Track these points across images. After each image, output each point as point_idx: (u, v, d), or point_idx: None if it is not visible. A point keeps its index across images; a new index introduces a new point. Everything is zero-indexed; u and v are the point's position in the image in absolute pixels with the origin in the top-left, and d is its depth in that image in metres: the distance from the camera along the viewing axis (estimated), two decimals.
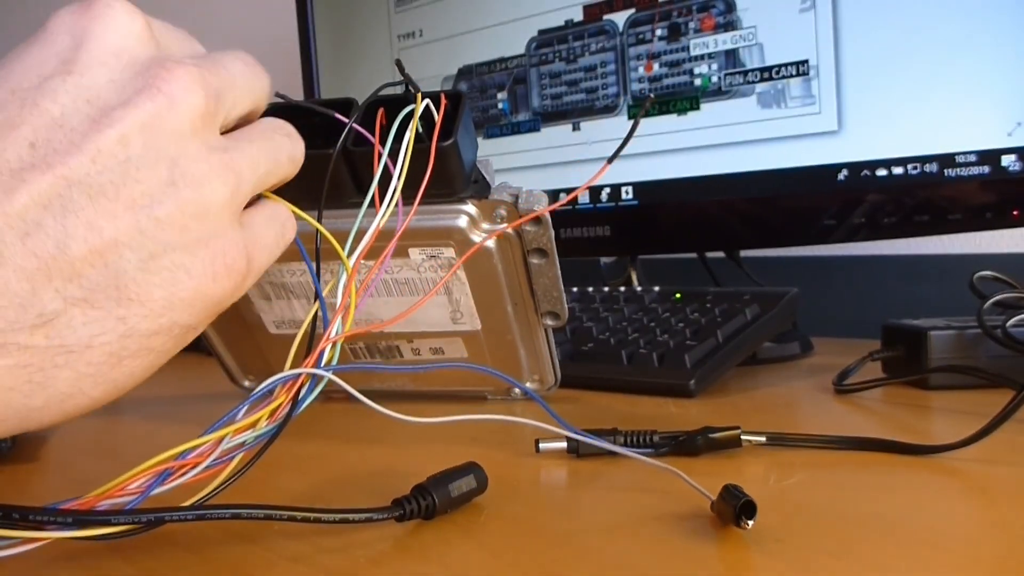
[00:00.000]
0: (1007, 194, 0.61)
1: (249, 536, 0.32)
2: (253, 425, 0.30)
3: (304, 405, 0.31)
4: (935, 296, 0.79)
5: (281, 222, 0.31)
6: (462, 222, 0.46)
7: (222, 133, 0.29)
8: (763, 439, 0.40)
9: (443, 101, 0.42)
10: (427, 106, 0.41)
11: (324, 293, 0.34)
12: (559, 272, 0.48)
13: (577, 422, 0.42)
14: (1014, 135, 0.61)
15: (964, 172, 0.62)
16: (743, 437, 0.40)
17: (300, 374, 0.31)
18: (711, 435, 0.40)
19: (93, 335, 0.25)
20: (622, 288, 0.74)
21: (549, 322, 0.51)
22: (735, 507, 0.29)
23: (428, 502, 0.32)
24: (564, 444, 0.41)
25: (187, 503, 0.29)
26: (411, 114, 0.40)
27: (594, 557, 0.29)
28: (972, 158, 0.62)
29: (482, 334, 0.51)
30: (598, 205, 0.78)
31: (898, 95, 0.64)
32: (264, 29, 1.32)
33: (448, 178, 0.44)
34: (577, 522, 0.33)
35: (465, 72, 0.85)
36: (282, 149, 0.31)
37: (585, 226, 0.78)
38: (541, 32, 0.80)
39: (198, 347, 0.54)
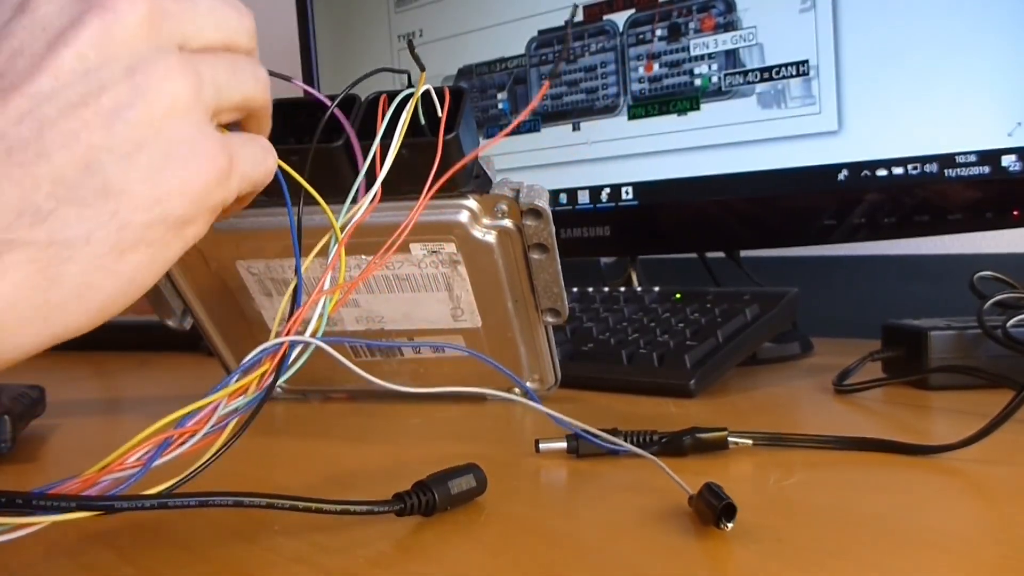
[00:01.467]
0: (1007, 194, 0.61)
1: (249, 535, 0.32)
2: (245, 390, 0.31)
3: (290, 372, 0.32)
4: (935, 296, 0.79)
5: (262, 146, 0.33)
6: (463, 217, 0.46)
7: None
8: (750, 442, 0.40)
9: (447, 96, 0.42)
10: (430, 102, 0.41)
11: (305, 269, 0.34)
12: (559, 268, 0.48)
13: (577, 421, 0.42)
14: (1014, 135, 0.61)
15: (964, 172, 0.62)
16: (730, 439, 0.40)
17: (283, 343, 0.32)
18: (699, 435, 0.40)
19: (90, 230, 0.26)
20: (622, 288, 0.74)
21: (550, 319, 0.51)
22: (716, 509, 0.29)
23: (428, 498, 0.32)
24: (564, 444, 0.40)
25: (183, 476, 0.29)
26: (409, 98, 0.40)
27: (593, 556, 0.29)
28: (972, 158, 0.62)
29: (483, 331, 0.51)
30: (598, 205, 0.78)
31: (898, 95, 0.64)
32: (264, 29, 1.32)
33: (448, 171, 0.43)
34: (577, 521, 0.33)
35: (465, 72, 0.85)
36: (241, 64, 0.32)
37: (585, 226, 0.78)
38: (541, 32, 0.80)
39: (198, 347, 0.54)
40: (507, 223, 0.47)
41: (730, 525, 0.29)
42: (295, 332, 0.32)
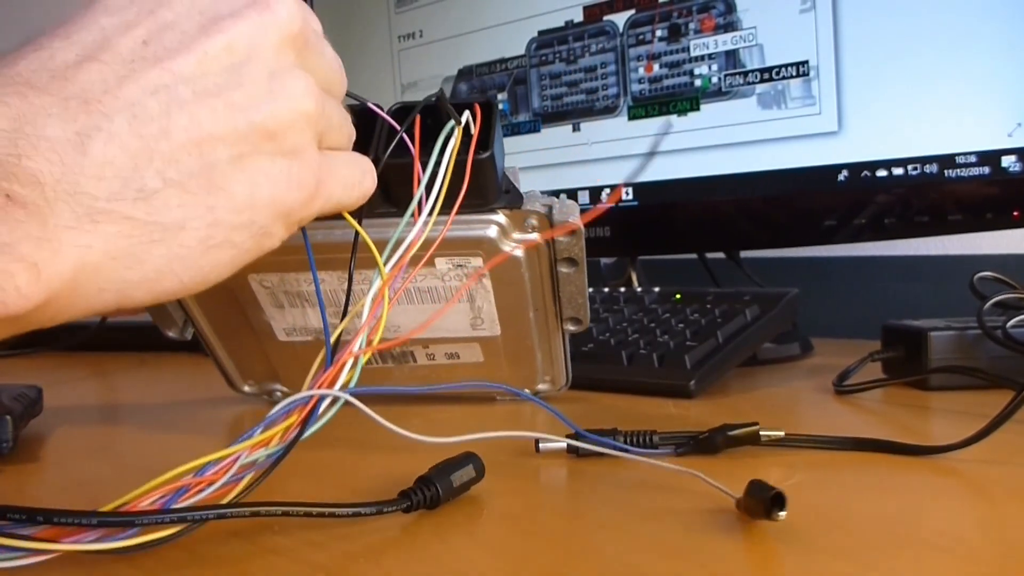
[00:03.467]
0: (1007, 195, 0.61)
1: (248, 535, 0.32)
2: (267, 443, 0.31)
3: (313, 429, 0.32)
4: (935, 297, 0.79)
5: (362, 168, 0.34)
6: (492, 232, 0.46)
7: None
8: (782, 432, 0.40)
9: (478, 112, 0.41)
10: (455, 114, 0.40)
11: (348, 309, 0.34)
12: (586, 279, 0.48)
13: (577, 422, 0.42)
14: (1014, 136, 0.61)
15: (964, 173, 0.62)
16: (762, 433, 0.40)
17: (312, 396, 0.32)
18: (730, 433, 0.40)
19: (186, 217, 0.27)
20: (622, 289, 0.74)
21: (571, 327, 0.51)
22: (766, 500, 0.29)
23: (432, 492, 0.33)
24: (564, 444, 0.41)
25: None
26: (451, 129, 0.39)
27: (594, 556, 0.29)
28: (972, 159, 0.62)
29: (501, 339, 0.51)
30: (598, 206, 0.78)
31: (898, 96, 0.64)
32: None
33: (483, 190, 0.43)
34: (577, 521, 0.33)
35: (465, 72, 0.85)
36: (341, 109, 0.34)
37: (585, 227, 0.78)
38: (541, 33, 0.80)
39: (197, 347, 0.54)
40: (536, 237, 0.46)
41: (782, 514, 0.28)
42: (329, 384, 0.32)
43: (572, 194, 0.79)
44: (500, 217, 0.46)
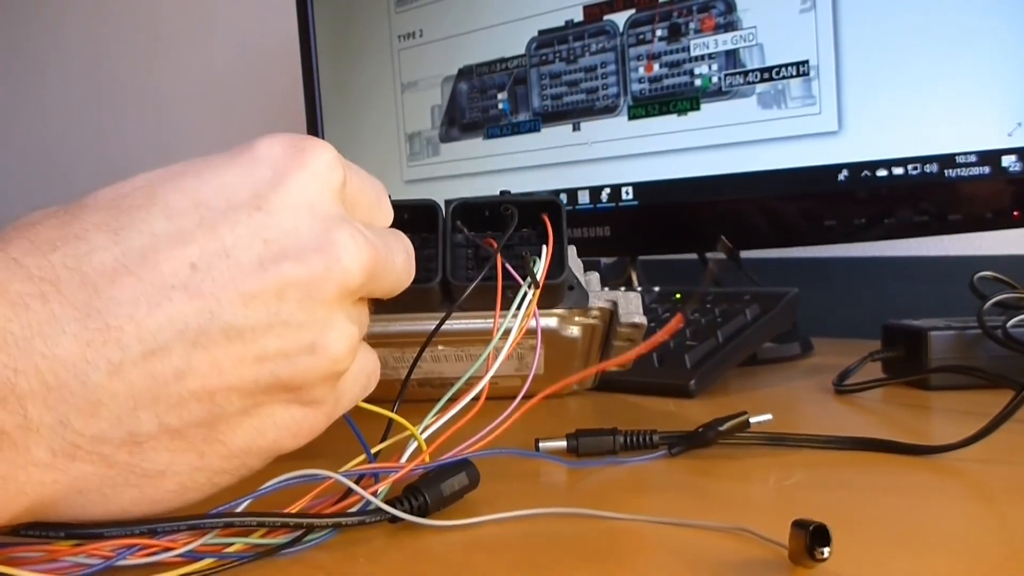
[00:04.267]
0: (1007, 194, 0.61)
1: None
2: (245, 532, 0.28)
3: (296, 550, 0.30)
4: (935, 297, 0.79)
5: (367, 374, 0.30)
6: (553, 323, 0.46)
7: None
8: (769, 417, 0.40)
9: (549, 228, 0.40)
10: (518, 206, 0.40)
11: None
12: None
13: (577, 421, 0.42)
14: (1014, 135, 0.61)
15: (964, 172, 0.62)
16: (751, 420, 0.40)
17: (330, 478, 0.30)
18: (721, 428, 0.40)
19: (170, 464, 0.25)
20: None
21: (612, 369, 0.51)
22: (805, 538, 0.25)
23: (420, 502, 0.32)
24: (564, 444, 0.41)
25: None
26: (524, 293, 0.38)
27: (594, 556, 0.29)
28: (972, 158, 0.62)
29: (541, 376, 0.50)
30: (598, 206, 0.78)
31: (898, 95, 0.64)
32: (264, 29, 1.32)
33: (552, 299, 0.44)
34: (576, 520, 0.33)
35: (465, 72, 0.85)
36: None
37: (585, 227, 0.78)
38: (541, 32, 0.80)
39: None
40: (596, 322, 0.46)
41: (826, 551, 0.25)
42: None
43: (572, 194, 0.79)
44: (562, 310, 0.46)
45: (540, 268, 0.39)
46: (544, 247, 0.40)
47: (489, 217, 0.39)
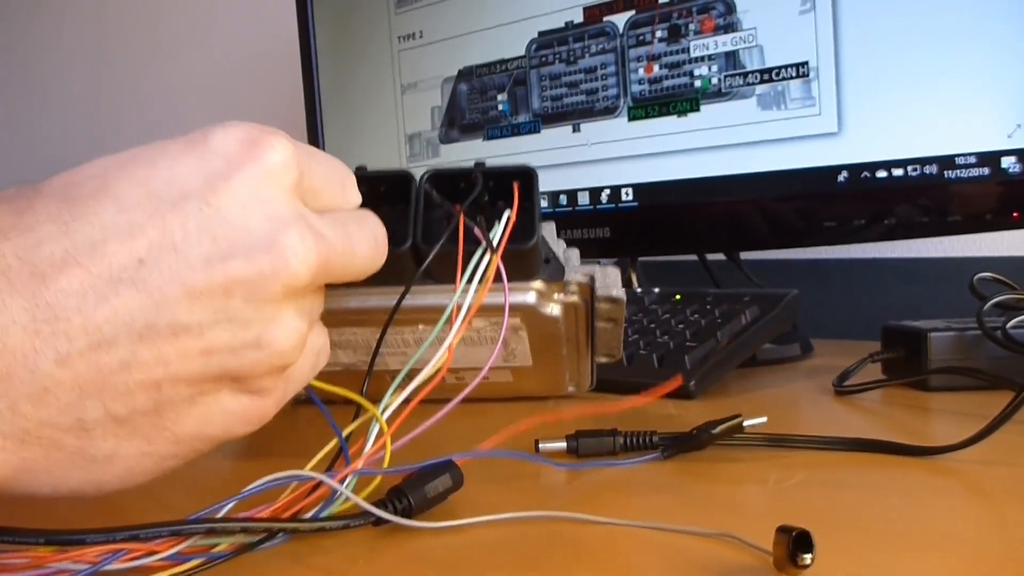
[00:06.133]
0: (1007, 196, 0.61)
1: None
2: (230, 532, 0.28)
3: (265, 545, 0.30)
4: (935, 298, 0.79)
5: (316, 351, 0.30)
6: (531, 298, 0.45)
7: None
8: (764, 419, 0.40)
9: (516, 196, 0.39)
10: (490, 176, 0.39)
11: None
12: (623, 329, 0.48)
13: (577, 423, 0.42)
14: (1014, 137, 0.61)
15: (964, 174, 0.62)
16: (746, 423, 0.40)
17: (313, 479, 0.30)
18: (714, 431, 0.40)
19: (117, 449, 0.25)
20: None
21: (603, 359, 0.50)
22: (787, 544, 0.25)
23: (404, 505, 0.31)
24: (564, 444, 0.41)
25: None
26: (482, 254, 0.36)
27: (593, 555, 0.29)
28: (972, 160, 0.62)
29: (531, 367, 0.50)
30: (598, 207, 0.78)
31: (898, 97, 0.64)
32: (264, 29, 1.32)
33: (524, 270, 0.43)
34: (575, 520, 0.33)
35: (465, 73, 0.85)
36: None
37: (585, 228, 0.78)
38: (541, 33, 0.80)
39: None
40: (576, 299, 0.46)
41: (808, 557, 0.25)
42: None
43: (572, 195, 0.79)
44: (539, 283, 0.45)
45: (499, 231, 0.38)
46: (508, 211, 0.39)
47: (465, 189, 0.39)
